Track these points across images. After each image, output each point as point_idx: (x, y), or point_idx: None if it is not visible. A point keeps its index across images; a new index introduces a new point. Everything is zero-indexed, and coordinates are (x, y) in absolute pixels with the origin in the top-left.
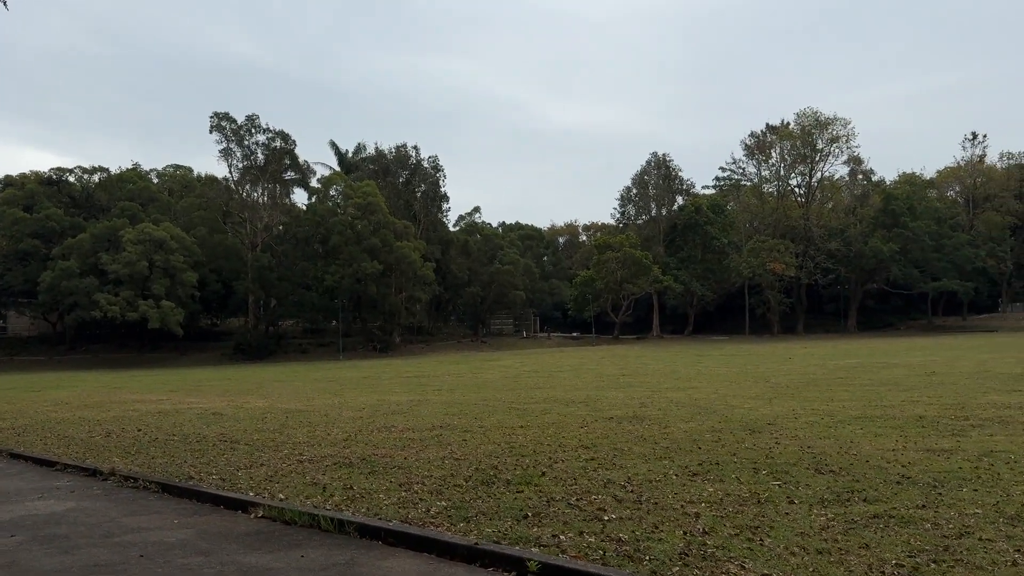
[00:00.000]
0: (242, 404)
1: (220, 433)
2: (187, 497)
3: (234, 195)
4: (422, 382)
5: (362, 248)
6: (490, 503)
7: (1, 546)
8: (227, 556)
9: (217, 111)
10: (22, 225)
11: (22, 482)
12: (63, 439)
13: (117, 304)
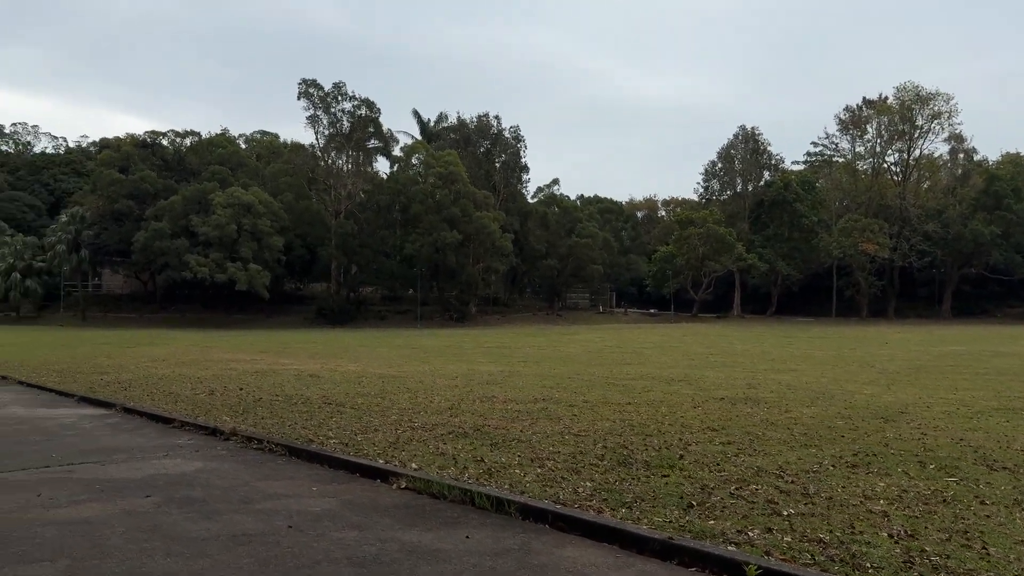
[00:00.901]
0: (335, 367)
1: (322, 396)
2: (316, 462)
3: (320, 162)
4: (505, 353)
5: (442, 217)
6: (641, 487)
7: (139, 507)
8: (383, 532)
9: (305, 78)
10: (118, 186)
11: (142, 438)
12: (169, 395)
13: (207, 265)
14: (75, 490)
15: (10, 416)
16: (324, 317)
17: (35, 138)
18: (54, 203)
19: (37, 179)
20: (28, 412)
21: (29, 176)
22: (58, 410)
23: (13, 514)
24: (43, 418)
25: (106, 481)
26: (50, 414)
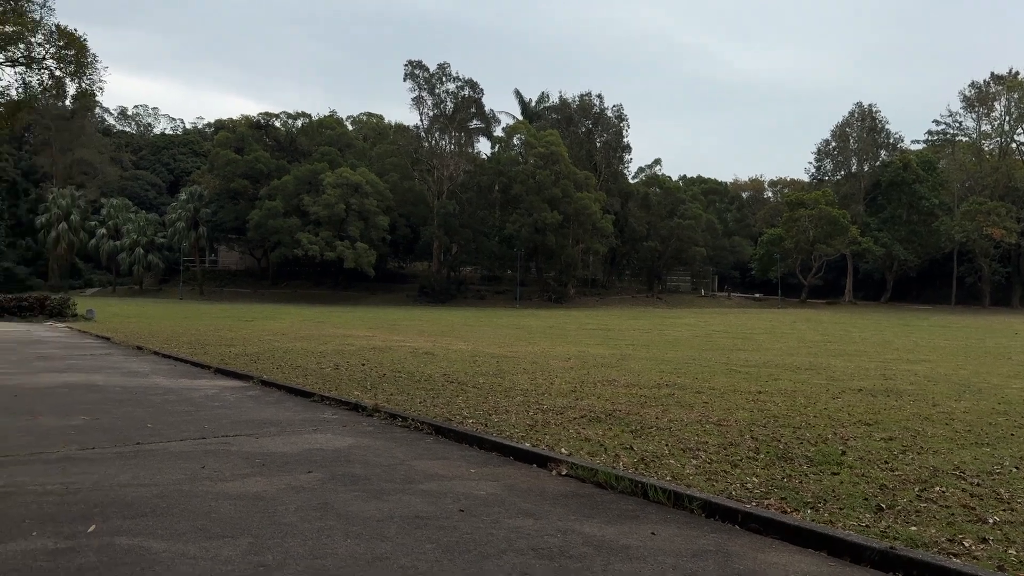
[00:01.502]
0: (446, 346)
1: (442, 373)
2: (465, 443)
3: (423, 143)
4: (610, 336)
5: (542, 198)
6: (815, 486)
7: (304, 483)
8: (560, 522)
9: (411, 59)
10: (233, 166)
11: (288, 412)
12: (297, 369)
13: (317, 244)
14: (237, 463)
15: (156, 386)
16: (425, 295)
17: (155, 120)
18: (173, 182)
19: (158, 159)
20: (171, 383)
21: (151, 156)
22: (198, 381)
23: (184, 486)
24: (186, 388)
25: (265, 455)
26: (192, 385)
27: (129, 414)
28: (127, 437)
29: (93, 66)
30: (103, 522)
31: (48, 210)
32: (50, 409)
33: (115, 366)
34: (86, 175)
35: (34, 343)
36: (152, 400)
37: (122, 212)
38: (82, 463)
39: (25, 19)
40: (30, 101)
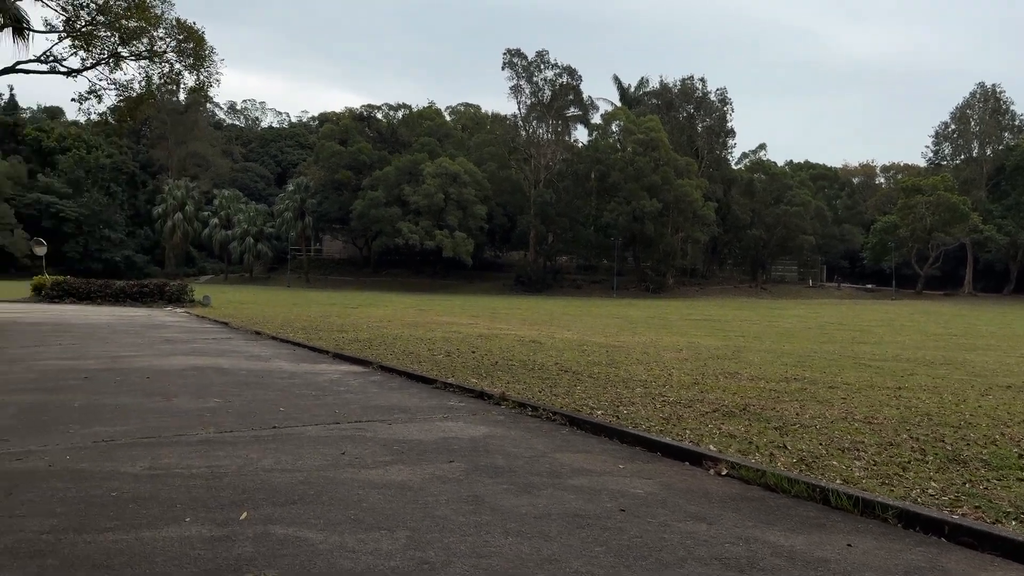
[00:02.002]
0: (551, 334)
1: (555, 362)
2: (604, 435)
3: (521, 131)
4: (717, 327)
5: (641, 185)
6: (1009, 493)
7: (448, 473)
8: (738, 529)
9: (509, 48)
10: (338, 157)
11: (413, 398)
12: (410, 355)
13: (417, 232)
14: (375, 450)
15: (279, 370)
16: (521, 284)
17: (262, 114)
18: (281, 173)
19: (266, 151)
20: (293, 367)
21: (259, 148)
22: (319, 365)
23: (328, 472)
24: (309, 373)
25: (401, 442)
26: (313, 369)
27: (259, 397)
28: (262, 421)
29: (210, 59)
30: (254, 509)
31: (164, 201)
32: (183, 391)
33: (237, 350)
34: (199, 167)
35: (157, 327)
36: (278, 384)
37: (233, 203)
38: (223, 446)
39: (148, 14)
40: (151, 94)
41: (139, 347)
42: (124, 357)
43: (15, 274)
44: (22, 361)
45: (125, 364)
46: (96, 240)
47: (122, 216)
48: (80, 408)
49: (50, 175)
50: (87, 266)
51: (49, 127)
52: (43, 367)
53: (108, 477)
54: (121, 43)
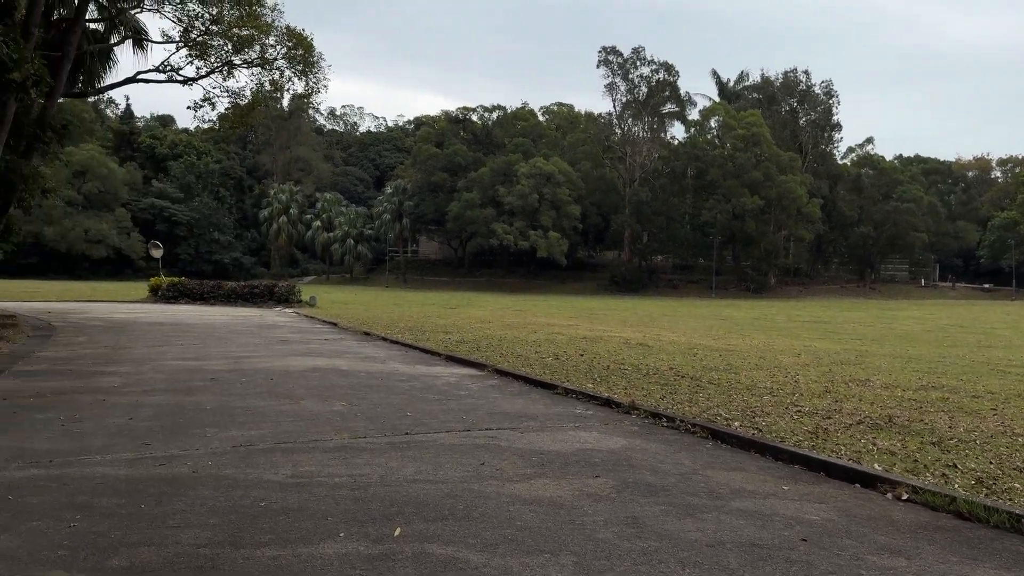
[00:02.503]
0: (656, 336)
1: (668, 367)
2: (754, 450)
3: (615, 129)
4: (829, 329)
5: (742, 182)
6: None
7: (597, 490)
8: (942, 566)
9: (605, 45)
10: (434, 160)
11: (538, 405)
12: (519, 357)
13: (511, 233)
14: (514, 461)
15: (396, 372)
16: (616, 284)
17: (360, 118)
18: (379, 176)
19: (365, 155)
20: (409, 369)
21: (358, 152)
22: (433, 368)
23: (471, 484)
24: (426, 375)
25: (539, 453)
26: (429, 372)
27: (384, 401)
28: (393, 426)
29: (318, 65)
30: (406, 525)
31: (270, 204)
32: (308, 393)
33: (351, 351)
34: (302, 171)
35: (270, 327)
36: (399, 387)
37: (335, 206)
38: (361, 453)
39: (259, 22)
40: (261, 100)
41: (257, 348)
42: (245, 358)
43: (131, 275)
44: (149, 361)
45: (247, 365)
46: (206, 243)
47: (230, 219)
48: (213, 411)
49: (163, 180)
50: (198, 268)
51: (162, 135)
52: (170, 367)
53: (253, 485)
54: (234, 52)
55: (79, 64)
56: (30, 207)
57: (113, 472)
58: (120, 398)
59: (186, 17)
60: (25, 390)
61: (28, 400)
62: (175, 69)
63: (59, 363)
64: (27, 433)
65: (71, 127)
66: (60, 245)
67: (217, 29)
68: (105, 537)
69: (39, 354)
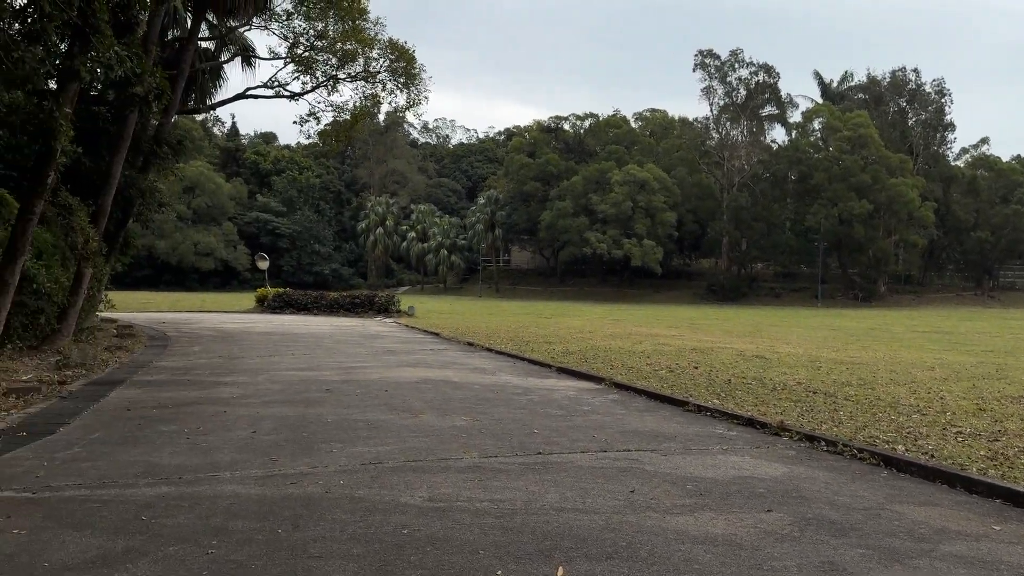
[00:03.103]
0: (770, 348)
1: (796, 381)
2: (939, 480)
3: (712, 134)
4: (952, 340)
5: (848, 186)
6: None
7: (774, 526)
8: None
9: (701, 48)
10: (526, 169)
11: (672, 423)
12: (631, 370)
13: (604, 242)
14: (668, 489)
15: (510, 385)
16: (714, 293)
17: (452, 131)
18: (471, 187)
19: (457, 167)
20: (522, 381)
21: (451, 164)
22: (547, 380)
23: (627, 516)
24: (542, 389)
25: (691, 480)
26: (543, 384)
27: (506, 416)
28: (522, 444)
29: (419, 77)
30: (567, 563)
31: (367, 217)
32: (426, 406)
33: (458, 362)
34: (398, 184)
35: (374, 337)
36: (517, 400)
37: (429, 217)
38: (495, 475)
39: (362, 36)
40: (365, 114)
41: (365, 358)
42: (356, 368)
43: (237, 286)
44: (264, 371)
45: (359, 376)
46: (307, 254)
47: (330, 232)
48: (335, 424)
49: (267, 195)
50: (299, 279)
51: (265, 151)
52: (284, 378)
53: (391, 509)
54: (338, 66)
55: (191, 81)
56: (148, 221)
57: (244, 491)
58: (240, 409)
59: (292, 34)
60: (147, 400)
61: (151, 411)
62: (282, 84)
63: (177, 373)
64: (155, 446)
65: (185, 143)
66: (171, 258)
67: (322, 44)
68: (247, 569)
69: (157, 363)
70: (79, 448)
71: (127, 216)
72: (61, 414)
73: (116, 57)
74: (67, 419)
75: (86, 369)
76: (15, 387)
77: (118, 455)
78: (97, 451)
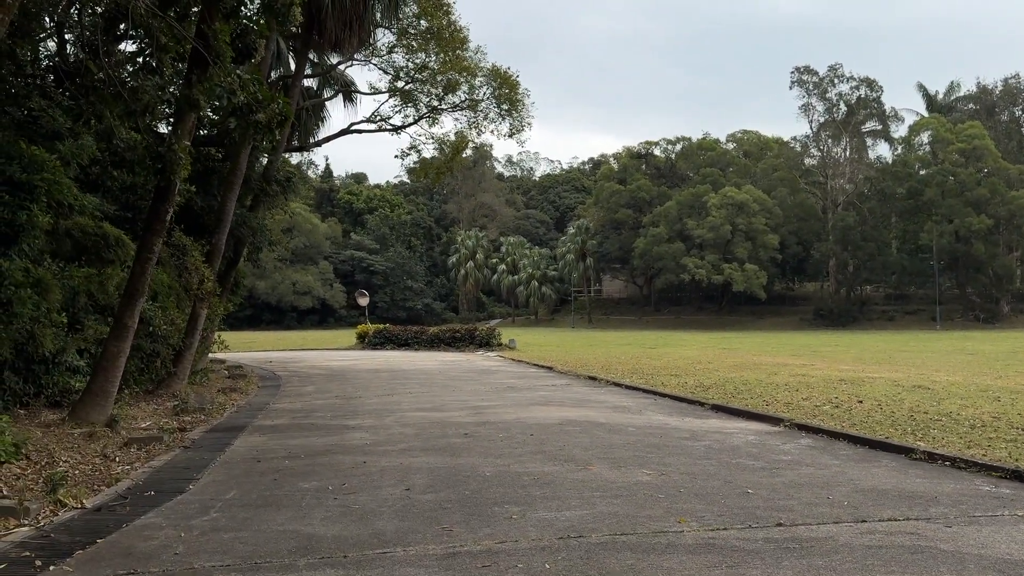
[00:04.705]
0: (928, 377)
1: (990, 415)
2: None
3: (812, 152)
4: None
5: (964, 201)
6: None
7: None
8: None
9: (798, 65)
10: (617, 197)
11: (911, 478)
12: (788, 406)
13: (703, 267)
14: None
15: (666, 426)
16: (822, 318)
17: (536, 163)
18: (559, 218)
19: (545, 198)
20: (678, 422)
21: (538, 195)
22: (708, 421)
23: None
24: (709, 431)
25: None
26: (706, 426)
27: (693, 469)
28: (743, 509)
29: (523, 103)
30: None
31: (457, 251)
32: (588, 455)
33: (591, 399)
34: (486, 217)
35: (486, 372)
36: (691, 448)
37: (518, 249)
38: (744, 559)
39: (464, 64)
40: (466, 144)
41: (488, 395)
42: (484, 408)
43: (334, 323)
44: (388, 413)
45: (492, 416)
46: (400, 290)
47: (421, 267)
48: (495, 479)
49: (360, 233)
50: (393, 314)
51: (358, 191)
52: (413, 420)
53: None
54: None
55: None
56: (257, 260)
57: None
58: (381, 459)
59: (392, 68)
60: (276, 449)
61: (284, 462)
62: (384, 119)
63: (298, 416)
64: (302, 510)
65: (294, 180)
66: (271, 297)
67: (424, 76)
68: None
69: (275, 406)
70: (217, 512)
71: (238, 255)
72: (188, 467)
73: (239, 82)
74: (195, 473)
75: (204, 414)
76: (136, 436)
77: (263, 522)
78: (238, 517)
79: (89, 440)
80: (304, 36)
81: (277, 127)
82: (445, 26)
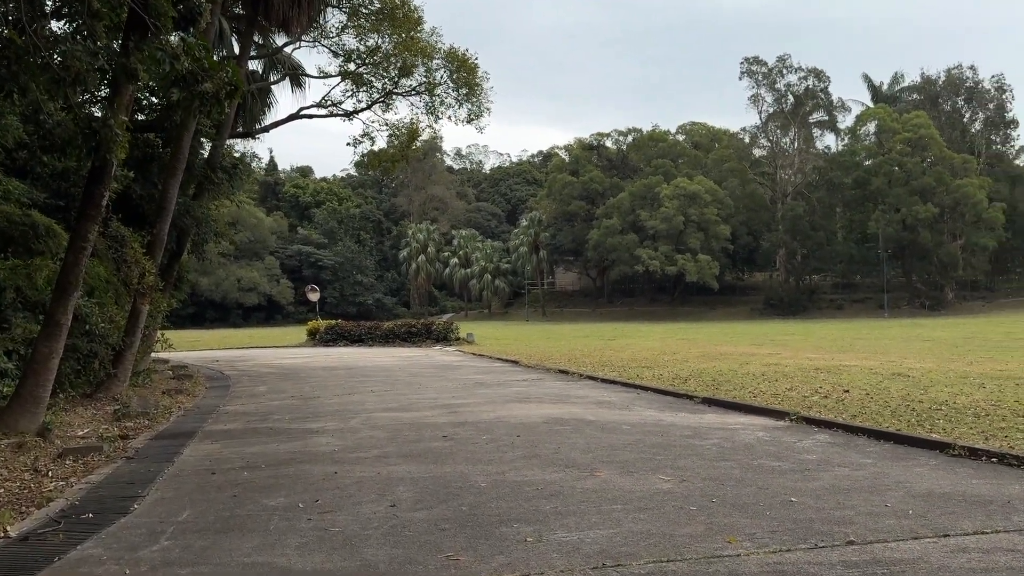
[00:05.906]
0: (902, 364)
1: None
2: None
3: (760, 143)
4: None
5: (910, 190)
6: None
7: None
8: None
9: (747, 56)
10: (570, 188)
11: (963, 479)
12: (776, 396)
13: (657, 259)
14: None
15: (663, 423)
16: (772, 307)
17: (485, 156)
18: (510, 211)
19: (496, 190)
20: (676, 418)
21: (489, 188)
22: (705, 416)
23: None
24: (712, 428)
25: None
26: (706, 422)
27: (715, 473)
28: (797, 523)
29: (481, 87)
30: None
31: (408, 244)
32: (591, 459)
33: (570, 394)
34: (437, 210)
35: (449, 368)
36: (699, 447)
37: (470, 242)
38: None
39: (419, 46)
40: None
41: (457, 392)
42: (458, 407)
43: (282, 320)
44: (353, 414)
45: (469, 416)
46: (350, 285)
47: (371, 261)
48: (492, 490)
49: (307, 227)
50: (343, 310)
51: (304, 184)
52: (382, 422)
53: None
54: (396, 80)
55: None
56: (202, 253)
57: None
58: (354, 468)
59: (343, 50)
60: (232, 458)
61: (242, 474)
62: (335, 103)
63: (253, 419)
64: (271, 536)
65: (240, 167)
66: (214, 294)
67: (376, 59)
68: None
69: (226, 408)
70: (168, 540)
71: (181, 247)
72: (132, 482)
73: (184, 46)
74: (140, 489)
75: (148, 419)
76: (72, 446)
77: (226, 552)
78: (194, 546)
79: (17, 452)
80: (249, 15)
81: (226, 98)
82: (399, 5)
